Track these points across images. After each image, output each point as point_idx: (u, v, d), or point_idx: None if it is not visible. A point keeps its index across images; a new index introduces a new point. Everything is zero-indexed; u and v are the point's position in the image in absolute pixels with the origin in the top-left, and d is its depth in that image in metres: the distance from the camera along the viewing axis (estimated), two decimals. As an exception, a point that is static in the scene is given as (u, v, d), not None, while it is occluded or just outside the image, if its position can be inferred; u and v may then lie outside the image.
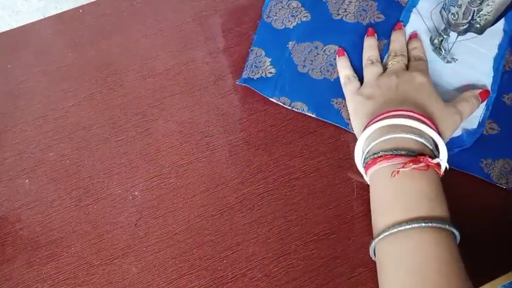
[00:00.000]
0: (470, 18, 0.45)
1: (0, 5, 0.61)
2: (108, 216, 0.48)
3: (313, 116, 0.52)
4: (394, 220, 0.38)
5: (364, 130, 0.44)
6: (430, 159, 0.39)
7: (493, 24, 0.46)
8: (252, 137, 0.52)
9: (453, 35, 0.50)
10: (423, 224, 0.37)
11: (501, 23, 0.54)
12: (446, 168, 0.42)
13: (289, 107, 0.52)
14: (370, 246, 0.41)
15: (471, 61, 0.53)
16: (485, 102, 0.51)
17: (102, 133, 0.53)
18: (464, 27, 0.47)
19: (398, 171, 0.39)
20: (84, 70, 0.56)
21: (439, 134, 0.43)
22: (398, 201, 0.40)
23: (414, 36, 0.54)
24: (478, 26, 0.46)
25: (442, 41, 0.52)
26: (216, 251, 0.47)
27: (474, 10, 0.44)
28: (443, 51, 0.52)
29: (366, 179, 0.45)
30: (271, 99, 0.53)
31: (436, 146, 0.43)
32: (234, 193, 0.49)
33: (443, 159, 0.41)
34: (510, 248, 0.45)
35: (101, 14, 0.60)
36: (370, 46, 0.53)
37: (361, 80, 0.52)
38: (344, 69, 0.53)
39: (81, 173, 0.51)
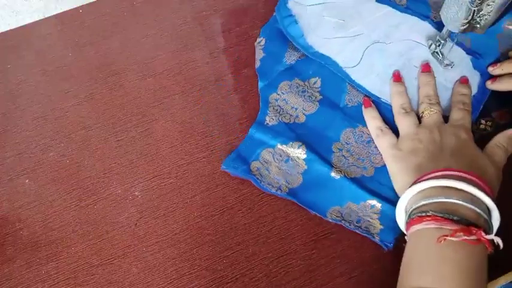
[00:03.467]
0: (470, 18, 0.45)
1: (0, 5, 0.61)
2: (108, 216, 0.48)
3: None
4: (422, 285, 0.36)
5: (412, 185, 0.41)
6: (483, 234, 0.35)
7: (493, 24, 0.46)
8: (252, 137, 0.52)
9: (449, 40, 0.51)
10: None
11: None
12: (498, 245, 0.36)
13: None
14: None
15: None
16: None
17: (102, 133, 0.53)
18: (464, 27, 0.47)
19: (446, 238, 0.35)
20: (84, 70, 0.56)
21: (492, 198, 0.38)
22: (434, 268, 0.36)
23: (464, 81, 0.50)
24: (478, 26, 0.46)
25: (439, 45, 0.52)
26: (216, 251, 0.47)
27: (474, 10, 0.44)
28: (440, 55, 0.52)
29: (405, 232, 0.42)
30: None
31: (489, 212, 0.39)
32: (234, 193, 0.49)
33: (498, 238, 0.36)
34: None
35: (101, 14, 0.60)
36: (399, 93, 0.50)
37: (394, 131, 0.48)
38: (374, 120, 0.49)
39: (81, 173, 0.51)
